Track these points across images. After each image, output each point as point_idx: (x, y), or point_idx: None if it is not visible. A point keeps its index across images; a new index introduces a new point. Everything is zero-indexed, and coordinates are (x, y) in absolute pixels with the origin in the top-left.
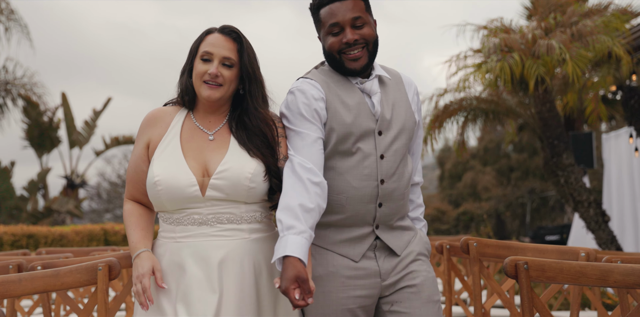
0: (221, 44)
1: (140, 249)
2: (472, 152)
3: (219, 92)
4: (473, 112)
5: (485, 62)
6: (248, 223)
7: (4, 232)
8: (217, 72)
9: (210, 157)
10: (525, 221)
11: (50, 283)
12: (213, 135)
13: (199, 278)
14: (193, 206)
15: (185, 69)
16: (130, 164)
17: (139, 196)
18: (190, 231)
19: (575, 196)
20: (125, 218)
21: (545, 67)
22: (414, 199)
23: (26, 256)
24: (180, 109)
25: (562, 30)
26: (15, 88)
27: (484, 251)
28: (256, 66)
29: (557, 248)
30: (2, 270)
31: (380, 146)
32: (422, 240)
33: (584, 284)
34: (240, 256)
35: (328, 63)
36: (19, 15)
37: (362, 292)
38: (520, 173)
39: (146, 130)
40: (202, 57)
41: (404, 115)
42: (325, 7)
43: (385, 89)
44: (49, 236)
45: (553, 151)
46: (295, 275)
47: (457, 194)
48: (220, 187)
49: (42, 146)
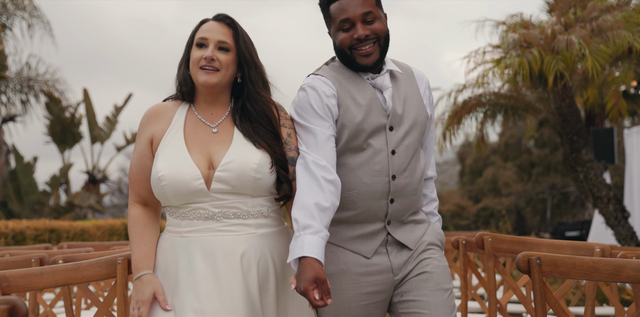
0: (216, 29)
1: (142, 270)
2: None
3: (216, 77)
4: (492, 107)
5: (504, 57)
6: (255, 218)
7: (26, 226)
8: (212, 55)
9: (214, 150)
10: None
11: (71, 276)
12: (217, 128)
13: (205, 274)
14: (199, 200)
15: (183, 61)
16: (133, 163)
17: (145, 194)
18: (196, 226)
19: (595, 191)
20: (130, 227)
21: (565, 63)
22: (428, 193)
23: (48, 250)
24: (182, 104)
25: (582, 25)
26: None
27: (499, 247)
28: (253, 51)
29: (572, 244)
30: (24, 263)
31: (391, 142)
32: (435, 231)
33: (597, 280)
34: (246, 252)
35: (339, 59)
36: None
37: (374, 288)
38: (541, 168)
39: (148, 127)
40: (197, 44)
41: (416, 110)
42: (335, 2)
43: (396, 84)
44: (70, 230)
45: (572, 147)
46: (314, 276)
47: (477, 190)
48: (225, 180)
49: (64, 142)
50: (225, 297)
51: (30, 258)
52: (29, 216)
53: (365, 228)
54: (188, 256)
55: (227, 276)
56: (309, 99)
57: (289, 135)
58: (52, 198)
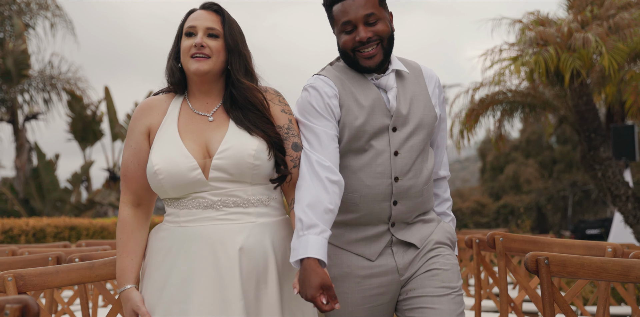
0: (203, 17)
1: (123, 285)
2: (514, 144)
3: (207, 65)
4: (509, 105)
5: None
6: (255, 206)
7: (47, 224)
8: (202, 41)
9: (210, 138)
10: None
11: (85, 275)
12: (212, 116)
13: (203, 264)
14: (198, 189)
15: (171, 53)
16: (128, 160)
17: (141, 192)
18: (195, 215)
19: (613, 189)
20: (118, 231)
21: (581, 61)
22: (440, 193)
23: (66, 248)
24: (175, 96)
25: (599, 23)
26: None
27: (510, 246)
28: (239, 39)
29: (584, 243)
30: (42, 261)
31: (394, 143)
32: (444, 230)
33: (606, 280)
34: (246, 242)
35: (343, 60)
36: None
37: (378, 290)
38: (563, 165)
39: (142, 121)
40: (186, 33)
41: (422, 110)
42: (338, 4)
43: (403, 83)
44: (90, 228)
45: (590, 145)
46: (319, 283)
47: (498, 187)
48: (223, 167)
49: (85, 139)
50: (223, 287)
51: (47, 256)
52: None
53: (369, 230)
54: (186, 246)
55: (225, 266)
56: (310, 99)
57: (290, 121)
58: (73, 195)
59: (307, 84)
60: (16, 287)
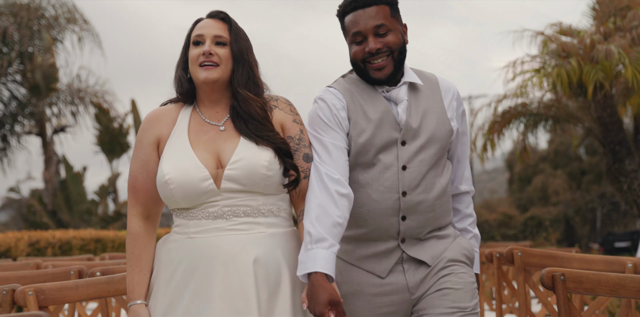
0: (211, 25)
1: (132, 300)
2: (542, 154)
3: (216, 73)
4: (533, 117)
5: (542, 67)
6: (265, 217)
7: (73, 236)
8: (210, 49)
9: (222, 147)
10: (596, 226)
11: (104, 289)
12: (224, 125)
13: (216, 277)
14: (209, 200)
15: (179, 62)
16: (137, 172)
17: (150, 204)
18: (204, 226)
19: (639, 202)
20: (129, 244)
21: (604, 72)
22: (462, 208)
23: (89, 261)
24: (185, 106)
25: (622, 34)
26: (87, 96)
27: (529, 261)
28: (244, 46)
29: (604, 258)
30: (64, 275)
31: (402, 157)
32: (460, 246)
33: (623, 296)
34: (258, 254)
35: (355, 71)
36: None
37: (389, 308)
38: (592, 176)
39: (150, 131)
40: (193, 42)
41: (435, 124)
42: (349, 15)
43: (416, 96)
44: (115, 240)
45: (615, 157)
46: (328, 299)
47: (526, 198)
48: (235, 178)
49: (112, 151)
50: (238, 300)
51: (69, 270)
52: (78, 225)
53: (379, 246)
54: (196, 260)
55: (239, 279)
56: (319, 111)
57: (302, 132)
58: (100, 207)
59: (317, 96)
60: (37, 302)
